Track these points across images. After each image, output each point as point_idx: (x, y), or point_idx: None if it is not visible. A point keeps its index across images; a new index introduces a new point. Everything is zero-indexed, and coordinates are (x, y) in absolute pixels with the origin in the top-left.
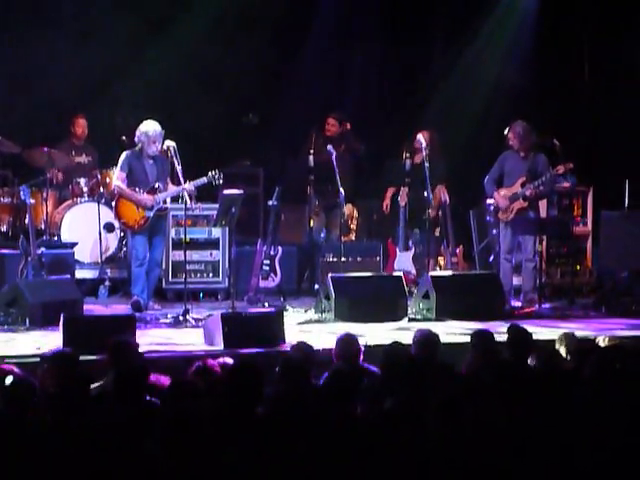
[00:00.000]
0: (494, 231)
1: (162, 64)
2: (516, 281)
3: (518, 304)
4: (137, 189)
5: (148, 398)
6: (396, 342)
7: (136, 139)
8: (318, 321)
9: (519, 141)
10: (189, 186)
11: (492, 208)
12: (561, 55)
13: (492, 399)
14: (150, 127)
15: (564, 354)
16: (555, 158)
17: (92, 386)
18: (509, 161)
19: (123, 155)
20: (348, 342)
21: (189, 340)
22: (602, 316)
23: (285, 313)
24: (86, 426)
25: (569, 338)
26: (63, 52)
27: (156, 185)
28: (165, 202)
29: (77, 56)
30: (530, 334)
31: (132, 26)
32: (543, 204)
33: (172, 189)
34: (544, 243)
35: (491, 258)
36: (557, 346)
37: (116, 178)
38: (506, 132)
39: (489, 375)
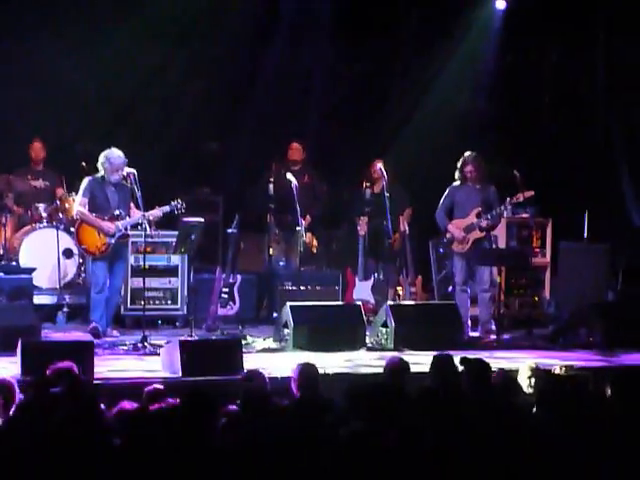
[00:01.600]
0: (447, 263)
1: (122, 91)
2: (473, 312)
3: (476, 334)
4: (99, 215)
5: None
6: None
7: (99, 166)
8: (277, 350)
9: (478, 173)
10: (155, 212)
11: (445, 240)
12: (523, 86)
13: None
14: (114, 155)
15: (525, 385)
16: (515, 189)
17: None
18: (460, 193)
19: (85, 181)
20: (308, 371)
21: (147, 367)
22: (559, 348)
23: (243, 341)
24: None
25: (532, 370)
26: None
27: (117, 212)
28: (127, 229)
29: (36, 82)
30: (487, 365)
31: (91, 53)
32: (503, 235)
33: (134, 216)
34: (503, 274)
35: (450, 288)
36: (519, 377)
37: (78, 204)
38: (460, 164)
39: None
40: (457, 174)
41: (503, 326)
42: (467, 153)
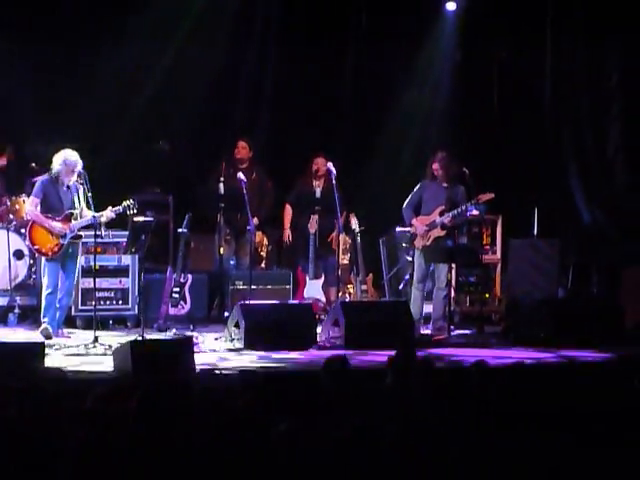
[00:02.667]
0: (408, 258)
1: (71, 91)
2: (426, 309)
3: (427, 332)
4: (51, 216)
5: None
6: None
7: (53, 167)
8: (228, 349)
9: (445, 171)
10: (108, 213)
11: (409, 234)
12: (472, 84)
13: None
14: (69, 156)
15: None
16: (465, 187)
17: None
18: (428, 189)
19: (38, 182)
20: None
21: (98, 367)
22: (509, 345)
23: (195, 341)
24: None
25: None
26: None
27: (70, 212)
28: (79, 230)
29: None
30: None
31: (41, 52)
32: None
33: (86, 217)
34: (453, 271)
35: (401, 286)
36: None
37: (30, 204)
38: (429, 162)
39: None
40: (427, 170)
41: (454, 323)
42: (438, 152)
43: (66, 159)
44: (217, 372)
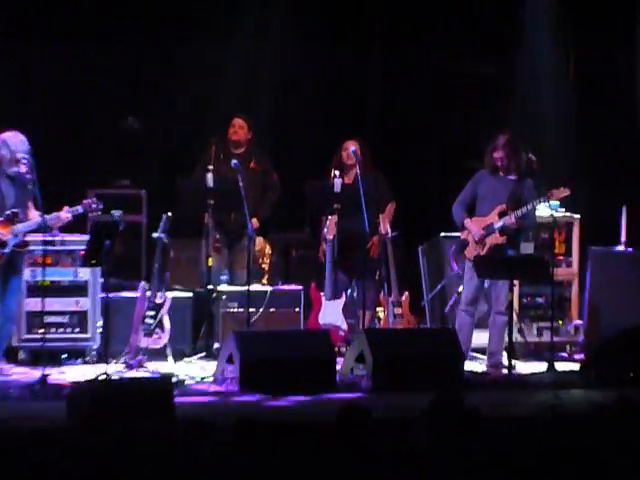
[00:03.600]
0: (457, 270)
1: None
2: (477, 340)
3: (479, 368)
4: None
5: None
6: None
7: None
8: (219, 392)
9: (511, 160)
10: (63, 214)
11: (459, 240)
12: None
13: None
14: (16, 140)
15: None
16: (533, 179)
17: None
18: (486, 183)
19: None
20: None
21: (47, 415)
22: (591, 385)
23: (175, 380)
24: None
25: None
26: None
27: (13, 212)
28: (25, 235)
29: None
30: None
31: None
32: None
33: (34, 218)
34: (516, 290)
35: (447, 308)
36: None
37: None
38: (490, 148)
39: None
40: (485, 159)
41: (517, 357)
42: (501, 135)
43: (11, 143)
44: (205, 422)
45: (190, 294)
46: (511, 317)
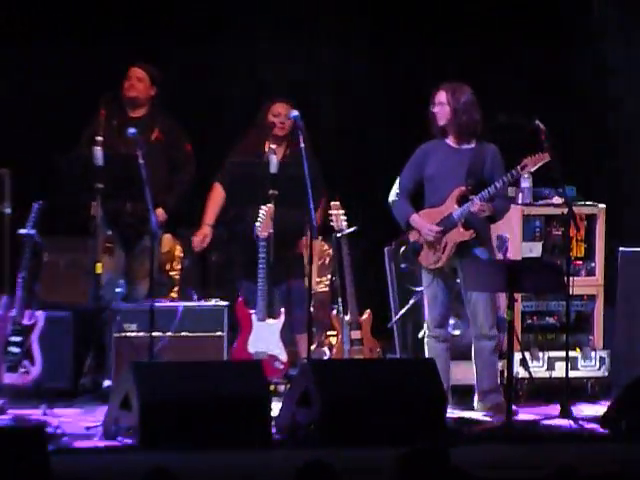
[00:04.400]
0: (415, 288)
1: None
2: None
3: (467, 414)
4: None
5: None
6: None
7: None
8: (111, 449)
9: (455, 115)
10: None
11: (409, 245)
12: None
13: None
14: None
15: None
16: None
17: None
18: (434, 158)
19: None
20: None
21: None
22: (617, 437)
23: (50, 432)
24: None
25: None
26: None
27: None
28: None
29: None
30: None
31: None
32: (516, 235)
33: None
34: (517, 307)
35: (421, 333)
36: None
37: None
38: (431, 101)
39: None
40: (431, 122)
41: (518, 399)
42: (442, 89)
43: None
44: None
45: (70, 313)
46: (511, 344)
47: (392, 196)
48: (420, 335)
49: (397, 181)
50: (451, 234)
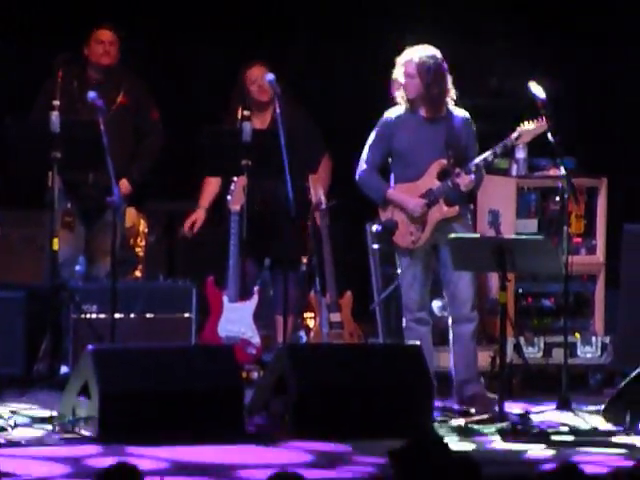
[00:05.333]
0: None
1: None
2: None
3: (451, 405)
4: None
5: None
6: None
7: None
8: (69, 440)
9: (425, 89)
10: None
11: (382, 223)
12: None
13: None
14: None
15: None
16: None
17: None
18: (404, 130)
19: None
20: None
21: None
22: (622, 432)
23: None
24: None
25: None
26: None
27: None
28: None
29: None
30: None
31: None
32: (509, 208)
33: None
34: (510, 287)
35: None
36: None
37: None
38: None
39: None
40: (397, 92)
41: (511, 389)
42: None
43: None
44: None
45: (24, 293)
46: (503, 327)
47: (359, 172)
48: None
49: (363, 156)
50: (432, 211)
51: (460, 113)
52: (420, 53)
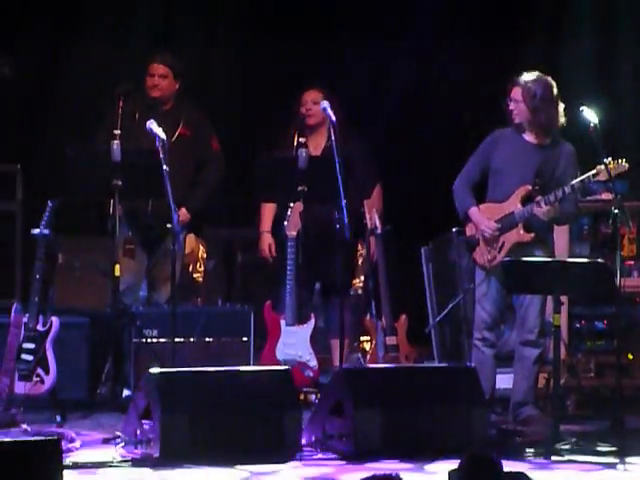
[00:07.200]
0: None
1: None
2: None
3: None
4: None
5: None
6: None
7: None
8: (128, 461)
9: (535, 114)
10: None
11: (465, 239)
12: None
13: None
14: None
15: None
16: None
17: None
18: (503, 149)
19: None
20: None
21: None
22: None
23: (65, 445)
24: None
25: None
26: None
27: None
28: None
29: None
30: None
31: None
32: (561, 234)
33: None
34: (564, 310)
35: (463, 336)
36: None
37: None
38: (508, 91)
39: None
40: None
41: (565, 411)
42: (519, 78)
43: None
44: None
45: (88, 319)
46: (557, 350)
47: (455, 182)
48: (462, 339)
49: (464, 167)
50: (510, 234)
51: (566, 145)
52: (527, 78)
